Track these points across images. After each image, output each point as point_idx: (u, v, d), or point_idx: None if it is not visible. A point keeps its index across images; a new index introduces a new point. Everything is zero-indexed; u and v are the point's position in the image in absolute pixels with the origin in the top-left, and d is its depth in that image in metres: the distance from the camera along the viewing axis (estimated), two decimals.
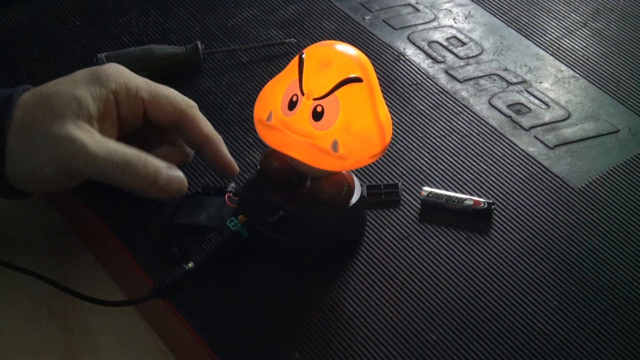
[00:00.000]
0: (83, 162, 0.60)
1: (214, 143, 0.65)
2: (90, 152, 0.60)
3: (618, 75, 0.79)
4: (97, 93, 0.62)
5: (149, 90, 0.64)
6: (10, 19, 0.83)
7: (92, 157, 0.60)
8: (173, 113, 0.65)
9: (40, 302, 0.66)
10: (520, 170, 0.70)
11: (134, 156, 0.61)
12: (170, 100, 0.65)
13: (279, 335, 0.59)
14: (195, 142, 0.65)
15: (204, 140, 0.65)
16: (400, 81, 0.78)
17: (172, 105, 0.65)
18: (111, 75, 0.63)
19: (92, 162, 0.60)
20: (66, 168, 0.60)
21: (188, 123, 0.65)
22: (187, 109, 0.65)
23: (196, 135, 0.65)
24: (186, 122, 0.65)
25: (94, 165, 0.60)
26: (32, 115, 0.61)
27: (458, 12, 0.86)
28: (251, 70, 0.78)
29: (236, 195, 0.65)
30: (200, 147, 0.65)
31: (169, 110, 0.65)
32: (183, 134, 0.66)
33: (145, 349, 0.64)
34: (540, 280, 0.62)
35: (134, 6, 0.84)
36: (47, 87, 0.63)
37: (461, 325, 0.59)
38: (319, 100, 0.58)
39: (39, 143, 0.60)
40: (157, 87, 0.65)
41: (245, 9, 0.85)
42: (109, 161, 0.60)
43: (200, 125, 0.65)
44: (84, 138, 0.60)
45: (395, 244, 0.64)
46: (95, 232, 0.67)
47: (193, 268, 0.61)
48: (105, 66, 0.64)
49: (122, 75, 0.64)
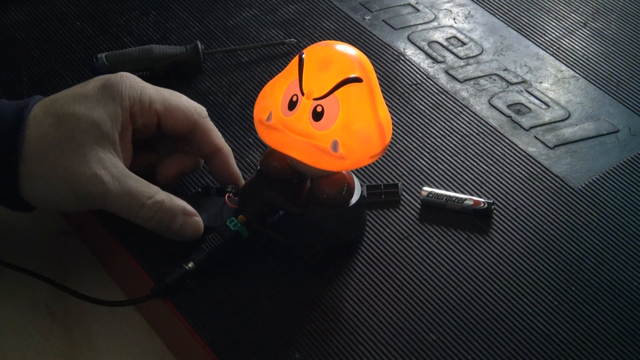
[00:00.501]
0: (101, 201, 0.60)
1: (223, 155, 0.66)
2: (108, 191, 0.60)
3: (618, 75, 0.79)
4: (114, 113, 0.62)
5: (163, 102, 0.64)
6: (10, 19, 0.83)
7: (111, 197, 0.60)
8: (186, 125, 0.65)
9: (40, 302, 0.66)
10: (520, 170, 0.70)
11: (149, 199, 0.61)
12: (184, 111, 0.64)
13: (279, 335, 0.59)
14: (206, 153, 0.66)
15: (214, 152, 0.65)
16: (400, 81, 0.78)
17: (185, 117, 0.64)
18: (124, 90, 0.63)
19: (109, 201, 0.60)
20: (85, 202, 0.61)
21: (200, 134, 0.65)
22: (199, 119, 0.65)
23: (207, 147, 0.65)
24: (198, 133, 0.65)
25: (111, 204, 0.61)
26: (49, 141, 0.60)
27: (458, 12, 0.86)
28: (251, 70, 0.78)
29: (236, 195, 0.65)
30: (210, 158, 0.66)
31: (183, 121, 0.64)
32: (194, 144, 0.66)
33: (145, 349, 0.64)
34: (540, 280, 0.62)
35: (134, 6, 0.84)
36: (62, 107, 0.61)
37: (461, 325, 0.59)
38: (319, 100, 0.58)
39: (58, 174, 0.60)
40: (170, 98, 0.65)
41: (245, 9, 0.85)
42: (125, 202, 0.60)
43: (212, 137, 0.65)
44: (104, 176, 0.60)
45: (395, 244, 0.64)
46: (95, 232, 0.67)
47: (193, 268, 0.61)
48: (117, 79, 0.63)
49: (135, 88, 0.63)
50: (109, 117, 0.61)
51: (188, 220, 0.62)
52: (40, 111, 0.61)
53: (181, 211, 0.62)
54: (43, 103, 0.62)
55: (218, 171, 0.66)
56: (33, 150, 0.60)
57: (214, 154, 0.65)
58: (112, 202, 0.60)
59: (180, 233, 0.62)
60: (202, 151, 0.66)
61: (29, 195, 0.61)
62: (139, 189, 0.61)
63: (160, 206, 0.61)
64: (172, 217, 0.61)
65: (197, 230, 0.62)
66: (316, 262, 0.63)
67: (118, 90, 0.62)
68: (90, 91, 0.62)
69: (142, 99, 0.63)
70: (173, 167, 0.66)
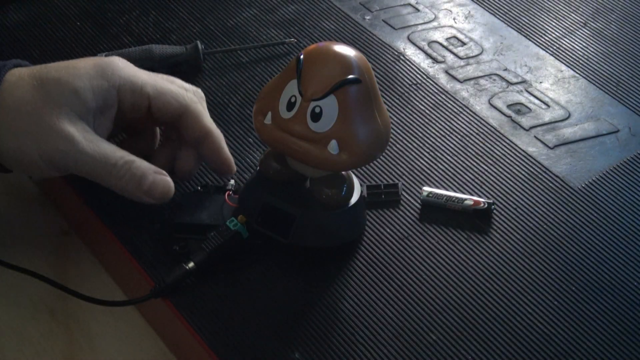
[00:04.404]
0: (72, 159, 0.60)
1: (214, 138, 0.65)
2: (79, 150, 0.60)
3: (618, 75, 0.79)
4: (99, 87, 0.62)
5: (155, 86, 0.64)
6: (10, 19, 0.83)
7: (81, 155, 0.60)
8: (176, 107, 0.64)
9: (40, 302, 0.66)
10: (520, 170, 0.70)
11: (121, 158, 0.61)
12: (174, 94, 0.64)
13: (279, 335, 0.59)
14: (197, 137, 0.65)
15: (205, 135, 0.65)
16: (400, 81, 0.78)
17: (175, 100, 0.64)
18: (116, 70, 0.63)
19: (80, 160, 0.60)
20: (54, 161, 0.60)
21: (190, 118, 0.65)
22: (191, 104, 0.65)
23: (197, 131, 0.65)
24: (188, 117, 0.65)
25: (82, 163, 0.60)
26: (26, 99, 0.61)
27: (458, 12, 0.86)
28: (251, 70, 0.78)
29: (236, 194, 0.65)
30: (201, 143, 0.65)
31: (173, 104, 0.64)
32: (184, 130, 0.65)
33: (145, 349, 0.64)
34: (540, 280, 0.62)
35: (134, 6, 0.85)
36: (48, 72, 0.62)
37: (461, 325, 0.59)
38: (318, 101, 0.58)
39: (30, 130, 0.60)
40: (163, 83, 0.65)
41: (245, 9, 0.85)
42: (96, 161, 0.60)
43: (202, 120, 0.65)
44: (76, 135, 0.60)
45: (395, 244, 0.64)
46: (95, 232, 0.67)
47: (193, 268, 0.61)
48: (111, 59, 0.64)
49: (127, 69, 0.64)
50: (92, 89, 0.62)
51: (158, 178, 0.62)
52: (25, 73, 0.62)
53: (152, 170, 0.62)
54: (32, 67, 0.63)
55: (209, 156, 0.65)
56: (7, 106, 0.60)
57: (204, 138, 0.65)
58: (83, 161, 0.60)
59: (151, 192, 0.61)
60: (193, 136, 0.65)
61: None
62: (110, 149, 0.61)
63: (131, 165, 0.61)
64: (143, 174, 0.61)
65: (167, 189, 0.62)
66: (316, 262, 0.63)
67: (110, 68, 0.63)
68: (80, 64, 0.63)
69: (133, 80, 0.63)
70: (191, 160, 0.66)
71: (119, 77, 0.63)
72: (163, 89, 0.64)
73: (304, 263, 0.63)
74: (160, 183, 0.62)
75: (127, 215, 0.65)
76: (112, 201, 0.65)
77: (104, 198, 0.66)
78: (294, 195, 0.62)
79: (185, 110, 0.64)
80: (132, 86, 0.63)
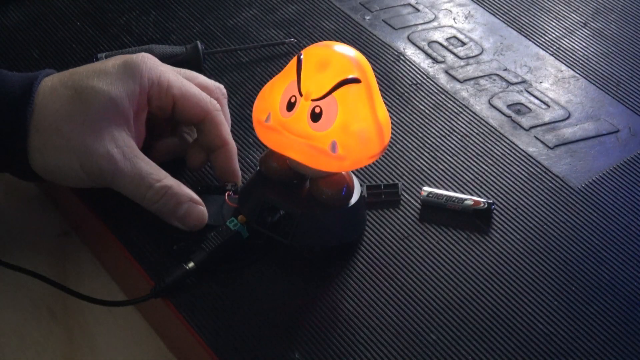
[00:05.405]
0: (109, 176, 0.61)
1: (228, 151, 0.65)
2: (118, 169, 0.60)
3: (618, 75, 0.79)
4: (132, 92, 0.62)
5: (180, 88, 0.64)
6: (10, 19, 0.83)
7: (119, 174, 0.60)
8: (199, 113, 0.65)
9: (40, 302, 0.66)
10: (520, 170, 0.70)
11: (157, 182, 0.61)
12: (198, 100, 0.64)
13: (279, 335, 0.59)
14: (213, 145, 0.65)
15: (221, 145, 0.65)
16: (400, 81, 0.78)
17: (199, 105, 0.64)
18: (145, 71, 0.62)
19: (118, 179, 0.61)
20: (93, 176, 0.61)
21: (210, 125, 0.65)
22: (213, 111, 0.65)
23: (215, 139, 0.65)
24: (209, 124, 0.65)
25: (118, 182, 0.61)
26: (65, 114, 0.60)
27: (458, 12, 0.86)
28: (251, 70, 0.78)
29: (236, 193, 0.65)
30: (214, 151, 0.66)
31: (196, 109, 0.64)
32: (202, 134, 0.66)
33: (145, 349, 0.64)
34: (540, 280, 0.62)
35: (134, 6, 0.85)
36: (81, 79, 0.61)
37: (461, 325, 0.59)
38: (317, 101, 0.58)
39: (71, 147, 0.60)
40: (188, 85, 0.65)
41: (245, 9, 0.85)
42: (133, 182, 0.61)
43: (221, 130, 0.65)
44: (115, 153, 0.60)
45: (395, 244, 0.64)
46: (95, 232, 0.67)
47: (193, 268, 0.61)
48: (138, 58, 0.63)
49: (155, 70, 0.63)
50: (127, 96, 0.61)
51: (193, 208, 0.62)
52: (57, 82, 0.62)
53: (188, 198, 0.62)
54: (61, 75, 0.62)
55: (220, 166, 0.66)
56: (46, 121, 0.60)
57: (219, 148, 0.65)
58: (121, 181, 0.61)
59: (184, 220, 0.62)
60: (209, 143, 0.65)
61: (39, 167, 0.62)
62: (149, 171, 0.61)
63: (167, 190, 0.61)
64: (178, 202, 0.61)
65: (200, 219, 0.62)
66: (316, 262, 0.63)
67: (139, 70, 0.62)
68: (110, 68, 0.62)
69: (160, 81, 0.63)
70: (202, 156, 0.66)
71: (149, 79, 0.63)
72: (188, 93, 0.64)
73: (304, 263, 0.63)
74: (194, 213, 0.62)
75: (127, 216, 0.65)
76: (112, 201, 0.65)
77: (104, 198, 0.66)
78: (294, 195, 0.62)
79: (206, 117, 0.65)
80: (159, 88, 0.63)
